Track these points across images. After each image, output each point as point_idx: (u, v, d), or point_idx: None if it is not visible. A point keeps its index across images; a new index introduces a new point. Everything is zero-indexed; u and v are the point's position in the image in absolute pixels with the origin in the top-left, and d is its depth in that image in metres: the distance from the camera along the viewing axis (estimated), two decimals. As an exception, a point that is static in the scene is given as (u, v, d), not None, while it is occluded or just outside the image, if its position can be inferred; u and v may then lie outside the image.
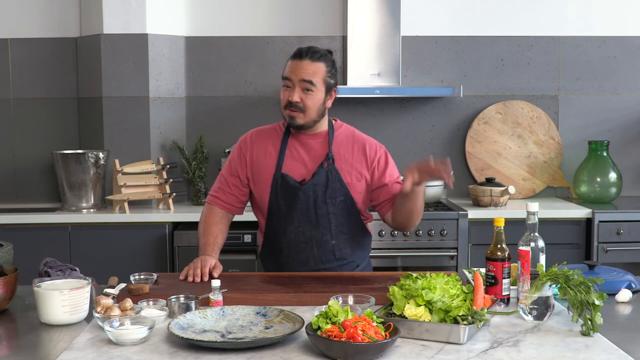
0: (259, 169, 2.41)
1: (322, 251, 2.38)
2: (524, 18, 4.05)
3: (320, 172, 2.35)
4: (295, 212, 2.35)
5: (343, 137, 2.43)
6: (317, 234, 2.37)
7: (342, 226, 2.38)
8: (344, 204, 2.36)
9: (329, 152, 2.37)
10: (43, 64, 3.98)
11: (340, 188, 2.35)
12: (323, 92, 2.33)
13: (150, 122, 3.82)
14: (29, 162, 4.01)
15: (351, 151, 2.40)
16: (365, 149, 2.41)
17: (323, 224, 2.36)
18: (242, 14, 4.00)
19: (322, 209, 2.35)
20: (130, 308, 1.78)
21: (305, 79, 2.29)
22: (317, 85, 2.31)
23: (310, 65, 2.30)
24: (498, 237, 1.93)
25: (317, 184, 2.34)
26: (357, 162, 2.39)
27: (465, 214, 3.52)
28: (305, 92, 2.30)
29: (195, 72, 4.01)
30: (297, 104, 2.30)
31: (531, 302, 1.80)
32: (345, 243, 2.40)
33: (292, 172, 2.37)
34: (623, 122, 4.11)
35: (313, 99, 2.31)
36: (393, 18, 3.89)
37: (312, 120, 2.34)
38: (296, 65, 2.31)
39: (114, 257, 3.46)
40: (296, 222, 2.36)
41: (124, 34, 3.75)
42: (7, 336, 1.81)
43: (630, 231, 3.54)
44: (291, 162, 2.38)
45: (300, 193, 2.34)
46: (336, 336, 1.54)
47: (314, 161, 2.37)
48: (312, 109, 2.32)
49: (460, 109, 4.08)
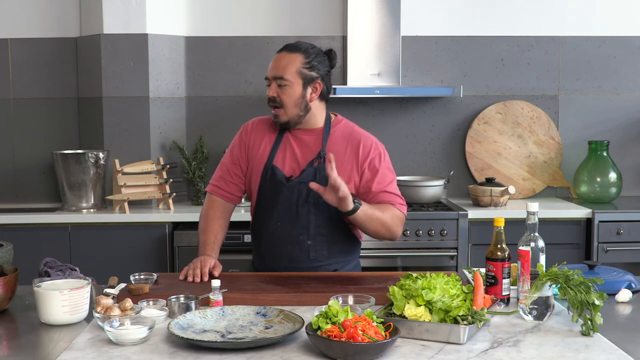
0: (254, 158, 2.40)
1: (297, 250, 2.33)
2: (524, 18, 4.05)
3: (308, 170, 2.31)
4: (277, 207, 2.33)
5: (339, 135, 2.37)
6: (294, 232, 2.33)
7: (321, 228, 2.32)
8: (327, 206, 2.25)
9: (322, 150, 2.32)
10: (43, 64, 3.98)
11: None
12: (300, 85, 2.29)
13: (150, 122, 3.82)
14: (29, 162, 4.01)
15: (344, 150, 2.34)
16: (358, 149, 2.34)
17: (302, 223, 2.32)
18: (242, 14, 4.00)
19: (304, 207, 2.31)
20: (130, 308, 1.78)
21: (275, 75, 2.30)
22: (290, 79, 2.28)
23: (284, 58, 2.30)
24: (498, 237, 1.93)
25: (303, 182, 2.29)
26: (348, 162, 2.32)
27: (465, 214, 3.52)
28: (279, 87, 2.30)
29: (195, 72, 4.01)
30: (275, 99, 2.31)
31: (531, 302, 1.80)
32: (323, 245, 2.34)
33: (282, 166, 2.34)
34: (623, 122, 4.11)
35: (288, 94, 2.29)
36: (393, 18, 3.89)
37: (295, 115, 2.32)
38: (274, 60, 2.34)
39: (114, 257, 3.46)
40: (276, 217, 2.34)
41: (124, 34, 3.75)
42: (7, 336, 1.81)
43: (630, 231, 3.54)
44: (283, 156, 2.36)
45: (285, 189, 2.31)
46: (336, 336, 1.54)
47: (306, 158, 2.34)
48: (289, 104, 2.30)
49: (460, 109, 4.08)
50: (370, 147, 2.35)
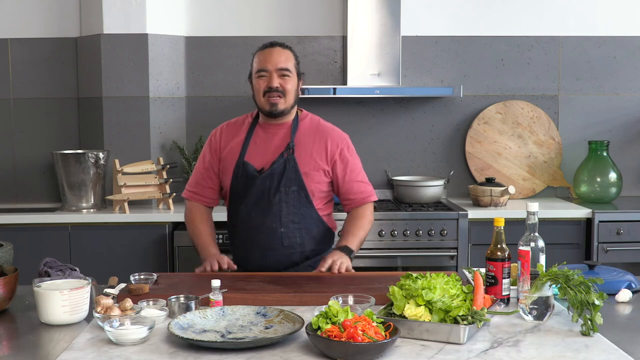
0: (226, 159, 2.52)
1: (271, 238, 2.44)
2: (524, 18, 4.05)
3: (278, 162, 2.42)
4: (250, 198, 2.43)
5: (307, 127, 2.51)
6: (267, 221, 2.43)
7: (292, 215, 2.43)
8: (297, 194, 2.42)
9: (290, 142, 2.44)
10: (43, 64, 3.97)
11: (295, 178, 2.41)
12: (296, 79, 2.48)
13: (150, 122, 3.82)
14: (29, 162, 4.01)
15: (312, 141, 2.48)
16: (327, 141, 2.49)
17: (274, 212, 2.42)
18: (242, 14, 4.00)
19: (275, 197, 2.41)
20: (130, 308, 1.78)
21: (281, 67, 2.43)
22: (292, 71, 2.46)
23: (282, 52, 2.46)
24: (498, 237, 1.93)
25: (274, 173, 2.41)
26: (317, 152, 2.46)
27: (465, 214, 3.52)
28: (282, 78, 2.43)
29: (195, 72, 4.01)
30: (278, 88, 2.41)
31: (531, 302, 1.80)
32: (295, 232, 2.44)
33: (253, 161, 2.45)
34: (623, 122, 4.11)
35: (291, 84, 2.45)
36: (393, 18, 3.89)
37: (290, 105, 2.46)
38: (269, 54, 2.46)
39: (114, 257, 3.46)
40: (249, 207, 2.44)
41: (124, 34, 3.75)
42: (7, 336, 1.81)
43: (630, 231, 3.54)
44: (254, 151, 2.47)
45: (258, 181, 2.42)
46: (336, 336, 1.54)
47: (276, 150, 2.45)
48: (291, 93, 2.46)
49: (460, 109, 4.08)
50: (338, 137, 2.52)
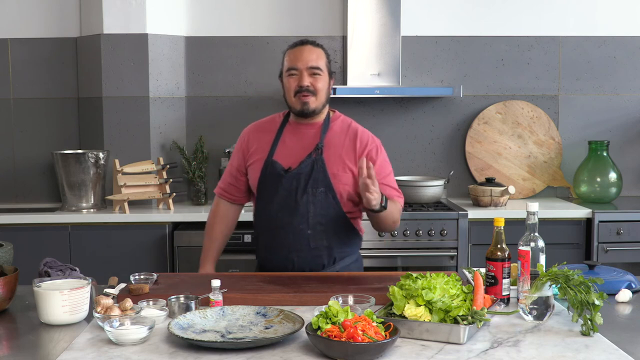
0: (255, 157, 2.47)
1: (297, 239, 2.38)
2: (524, 18, 4.05)
3: (306, 162, 2.38)
4: (277, 198, 2.39)
5: (338, 128, 2.46)
6: (294, 222, 2.38)
7: (320, 217, 2.38)
8: (325, 195, 2.36)
9: (320, 142, 2.39)
10: (43, 64, 3.98)
11: (323, 179, 2.36)
12: (328, 78, 2.42)
13: (150, 122, 3.82)
14: (29, 162, 4.01)
15: (342, 142, 2.43)
16: (356, 141, 2.43)
17: (301, 212, 2.37)
18: (242, 14, 4.00)
19: (302, 197, 2.36)
20: (130, 308, 1.78)
21: (312, 65, 2.36)
22: (324, 70, 2.39)
23: (313, 51, 2.39)
24: (498, 237, 1.93)
25: (301, 173, 2.37)
26: (346, 153, 2.41)
27: (465, 214, 3.52)
28: (313, 77, 2.37)
29: (195, 72, 4.01)
30: (308, 88, 2.36)
31: (531, 302, 1.79)
32: (322, 234, 2.39)
33: (281, 160, 2.41)
34: (623, 122, 4.11)
35: (322, 82, 2.39)
36: (393, 18, 3.89)
37: (322, 104, 2.42)
38: (299, 52, 2.39)
39: (114, 257, 3.46)
40: (276, 207, 2.39)
41: (124, 34, 3.75)
42: (7, 336, 1.80)
43: (630, 231, 3.54)
44: (283, 150, 2.43)
45: (284, 180, 2.37)
46: (336, 336, 1.54)
47: (304, 150, 2.41)
48: (322, 92, 2.39)
49: (460, 109, 4.08)
50: (367, 140, 2.45)
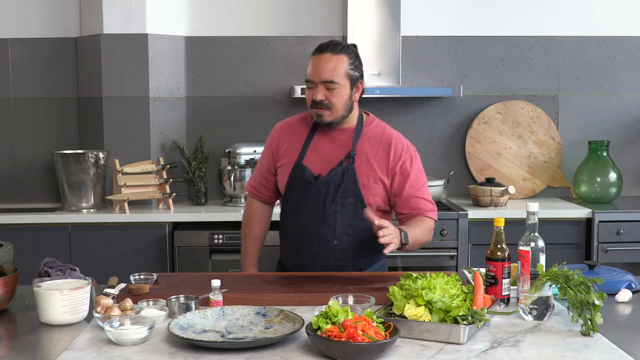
0: (283, 158, 2.41)
1: (323, 249, 2.33)
2: (524, 18, 4.05)
3: (337, 170, 2.30)
4: (305, 205, 2.33)
5: (371, 135, 2.36)
6: (321, 232, 2.32)
7: (348, 228, 2.31)
8: (354, 206, 2.29)
9: (352, 150, 2.31)
10: (43, 64, 3.97)
11: (353, 189, 2.29)
12: (348, 87, 2.28)
13: (150, 122, 3.82)
14: (29, 162, 4.01)
15: (375, 151, 2.33)
16: (390, 151, 2.33)
17: (329, 223, 2.31)
18: (242, 14, 4.00)
19: (331, 207, 2.30)
20: (130, 308, 1.78)
21: (325, 79, 2.25)
22: (340, 82, 2.26)
23: (331, 60, 2.25)
24: (498, 237, 1.93)
25: (330, 181, 2.29)
26: (378, 164, 2.32)
27: (465, 214, 3.52)
28: (328, 91, 2.26)
29: (195, 72, 4.01)
30: (323, 102, 2.27)
31: (531, 302, 1.80)
32: (349, 245, 2.33)
33: (311, 165, 2.34)
34: (623, 122, 4.11)
35: (338, 96, 2.27)
36: (393, 18, 3.89)
37: (340, 116, 2.31)
38: (317, 62, 2.27)
39: (114, 257, 3.46)
40: (303, 215, 2.34)
41: (124, 34, 3.75)
42: (7, 336, 1.80)
43: (630, 231, 3.54)
44: (313, 155, 2.35)
45: (312, 188, 2.31)
46: (336, 336, 1.54)
47: (336, 157, 2.33)
48: (338, 106, 2.28)
49: (460, 109, 4.08)
50: (402, 149, 2.35)
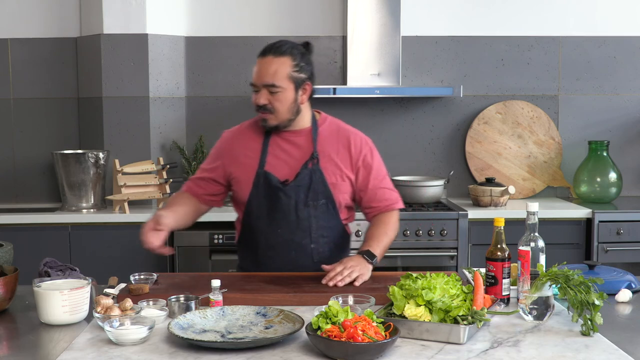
0: (241, 166, 2.33)
1: (301, 255, 2.31)
2: (524, 18, 4.05)
3: (303, 173, 2.27)
4: (276, 213, 2.28)
5: (328, 133, 2.34)
6: (296, 238, 2.30)
7: (322, 229, 2.31)
8: (326, 207, 2.28)
9: (314, 152, 2.29)
10: (43, 64, 3.97)
11: (323, 190, 2.28)
12: (292, 90, 2.23)
13: (150, 122, 3.82)
14: (29, 162, 4.01)
15: (336, 148, 2.32)
16: (349, 146, 2.33)
17: (303, 228, 2.29)
18: (241, 14, 4.00)
19: (303, 212, 2.27)
20: (130, 308, 1.78)
21: (266, 83, 2.20)
22: (282, 85, 2.20)
23: (273, 63, 2.20)
24: (498, 237, 1.93)
25: (299, 185, 2.26)
26: (341, 160, 2.32)
27: (465, 214, 3.52)
28: (271, 94, 2.22)
29: (195, 72, 4.01)
30: (266, 106, 2.23)
31: (531, 302, 1.80)
32: (325, 246, 2.33)
33: (275, 171, 2.28)
34: (623, 122, 4.11)
35: (281, 100, 2.22)
36: (393, 18, 3.89)
37: (285, 120, 2.26)
38: (259, 65, 2.23)
39: (114, 257, 3.46)
40: (275, 224, 2.29)
41: (124, 34, 3.75)
42: (7, 336, 1.81)
43: (630, 231, 3.54)
44: (274, 161, 2.30)
45: (282, 194, 2.26)
46: (336, 336, 1.54)
47: (298, 160, 2.29)
48: (281, 110, 2.24)
49: (460, 109, 4.08)
50: (360, 143, 2.35)
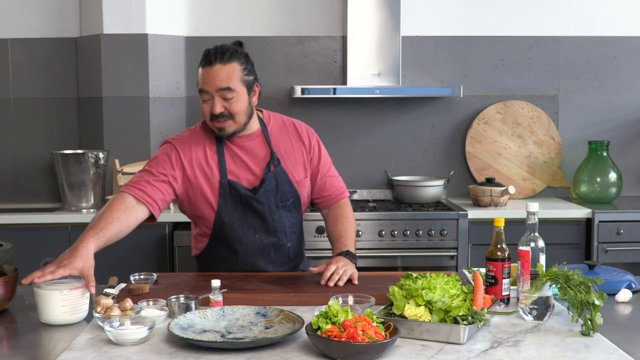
0: (198, 177, 2.23)
1: (279, 254, 2.33)
2: (524, 18, 4.05)
3: (269, 177, 2.24)
4: (251, 220, 2.26)
5: (277, 130, 2.34)
6: (274, 240, 2.31)
7: (293, 226, 2.35)
8: (293, 205, 2.32)
9: (273, 153, 2.27)
10: (43, 64, 3.97)
11: (290, 190, 2.29)
12: (245, 93, 2.19)
13: (150, 122, 3.82)
14: (29, 162, 4.01)
15: (289, 144, 2.33)
16: (300, 136, 2.36)
17: (279, 229, 2.30)
18: (242, 14, 4.00)
19: (276, 214, 2.28)
20: (130, 308, 1.78)
21: (221, 86, 2.15)
22: (237, 89, 2.16)
23: (223, 70, 2.16)
24: (498, 237, 1.93)
25: (268, 190, 2.24)
26: (298, 154, 2.33)
27: (465, 214, 3.52)
28: (226, 101, 2.16)
29: (195, 72, 4.00)
30: (223, 113, 2.16)
31: (531, 302, 1.80)
32: (296, 242, 2.39)
33: (239, 179, 2.24)
34: (623, 122, 4.11)
35: (238, 104, 2.17)
36: (393, 18, 3.89)
37: (243, 124, 2.21)
38: (207, 73, 2.17)
39: (114, 257, 3.45)
40: (252, 231, 2.28)
41: (124, 34, 3.75)
42: (7, 336, 1.81)
43: (630, 231, 3.54)
44: (234, 169, 2.25)
45: (254, 202, 2.24)
46: (336, 336, 1.54)
47: (258, 164, 2.26)
48: (240, 114, 2.18)
49: (460, 109, 4.08)
50: (307, 133, 2.39)
